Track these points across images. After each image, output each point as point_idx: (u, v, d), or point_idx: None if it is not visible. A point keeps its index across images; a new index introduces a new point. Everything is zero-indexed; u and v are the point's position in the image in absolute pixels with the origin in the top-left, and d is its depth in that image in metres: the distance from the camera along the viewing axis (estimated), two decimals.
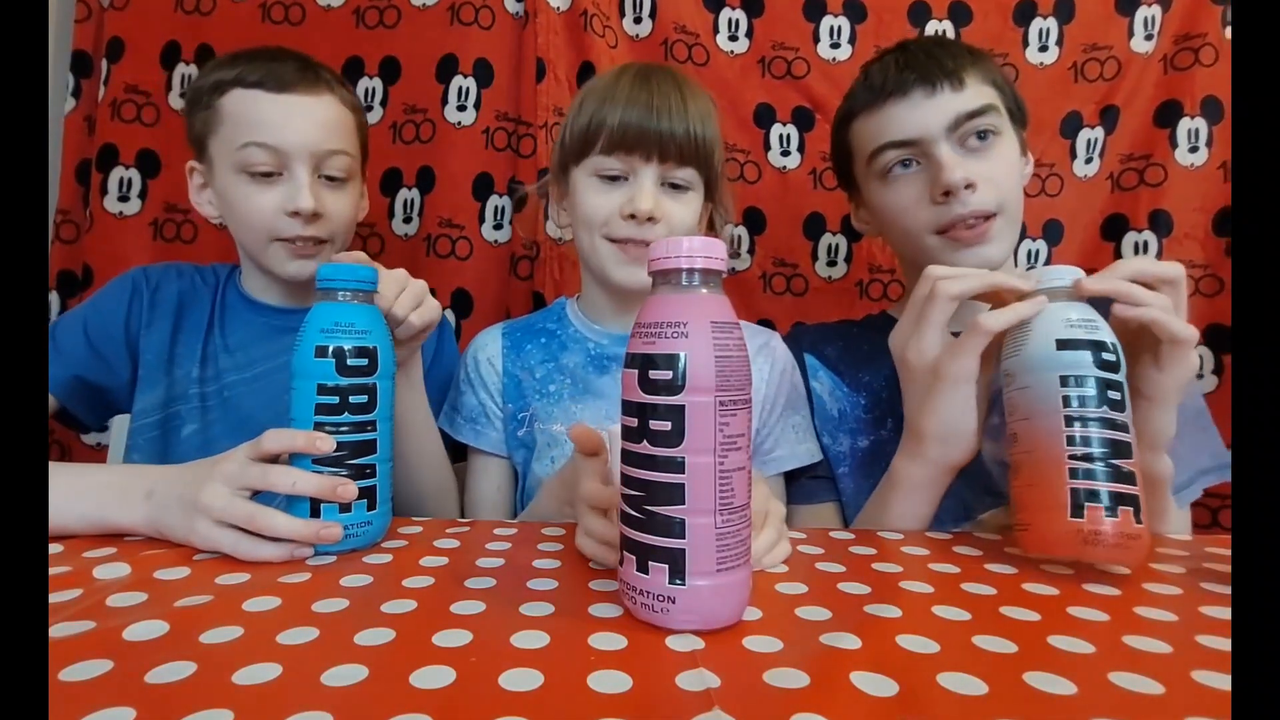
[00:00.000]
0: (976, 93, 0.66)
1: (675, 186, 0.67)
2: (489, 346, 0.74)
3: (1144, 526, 0.42)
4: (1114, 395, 0.44)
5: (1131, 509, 0.42)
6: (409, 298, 0.57)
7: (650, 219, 0.64)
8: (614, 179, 0.66)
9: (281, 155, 0.67)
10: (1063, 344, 0.45)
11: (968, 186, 0.64)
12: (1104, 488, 0.43)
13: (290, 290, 0.75)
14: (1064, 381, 0.44)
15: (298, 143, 0.67)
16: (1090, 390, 0.44)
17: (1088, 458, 0.43)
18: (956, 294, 0.51)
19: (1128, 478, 0.43)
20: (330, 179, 0.71)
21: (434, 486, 0.69)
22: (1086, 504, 0.43)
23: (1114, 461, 0.43)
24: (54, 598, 0.37)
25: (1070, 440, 0.44)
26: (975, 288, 0.51)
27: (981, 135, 0.66)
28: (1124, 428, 0.44)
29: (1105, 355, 0.44)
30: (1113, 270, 0.48)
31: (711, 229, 0.75)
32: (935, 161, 0.65)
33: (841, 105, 0.75)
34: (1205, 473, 0.68)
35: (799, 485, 0.72)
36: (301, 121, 0.68)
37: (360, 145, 0.75)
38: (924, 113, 0.65)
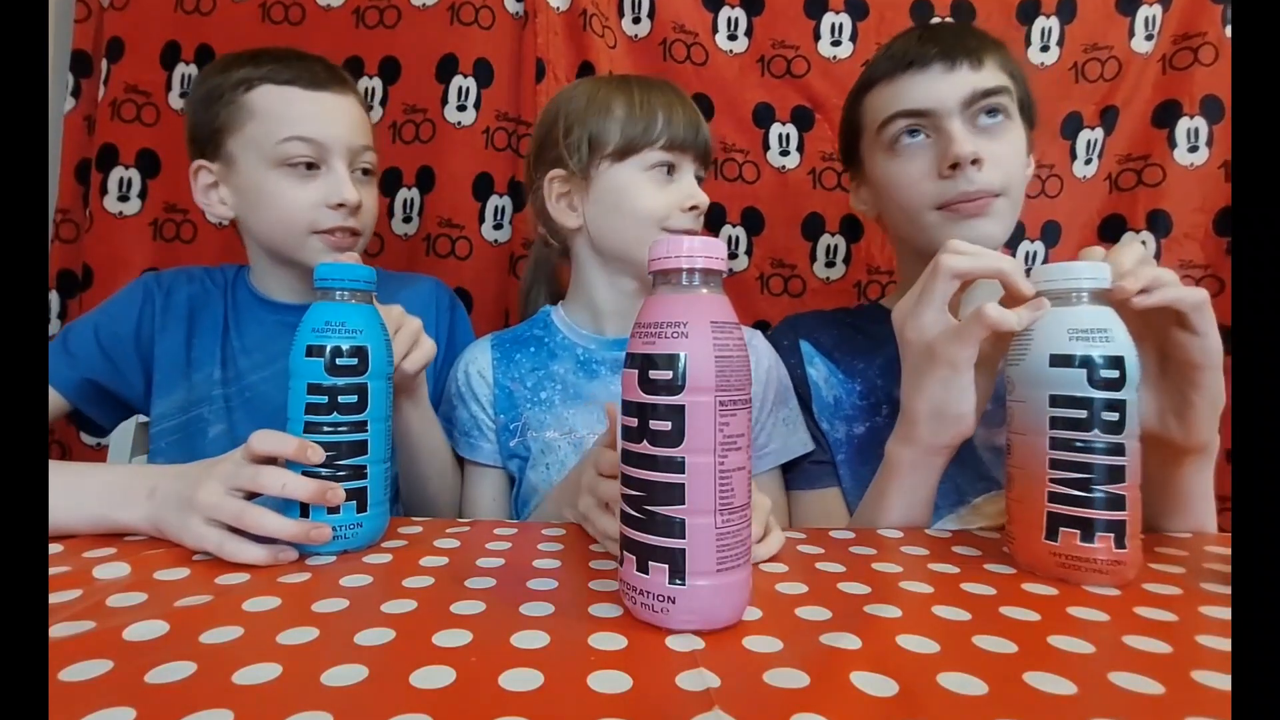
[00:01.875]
0: (993, 74, 0.66)
1: (698, 183, 0.73)
2: (479, 359, 0.74)
3: (1128, 550, 0.41)
4: (1111, 416, 0.41)
5: (1113, 535, 0.41)
6: (402, 341, 0.58)
7: (704, 212, 0.71)
8: (668, 171, 0.70)
9: (322, 149, 0.68)
10: (1057, 360, 0.43)
11: (974, 162, 0.64)
12: (1084, 515, 0.41)
13: (304, 287, 0.75)
14: (1054, 401, 0.42)
15: (337, 137, 0.69)
16: (1081, 413, 0.42)
17: (1070, 483, 0.42)
18: (960, 270, 0.49)
19: (1115, 503, 0.41)
20: (364, 172, 0.73)
21: (448, 497, 0.71)
22: (1062, 529, 0.42)
23: (1100, 487, 0.41)
24: (54, 598, 0.37)
25: (1055, 464, 0.42)
26: (980, 267, 0.49)
27: (992, 112, 0.66)
28: (1119, 450, 0.41)
29: (1106, 373, 0.41)
30: (1130, 263, 0.47)
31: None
32: (946, 134, 0.65)
33: (859, 78, 0.75)
34: None
35: (801, 471, 0.72)
36: (338, 118, 0.70)
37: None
38: (941, 86, 0.66)
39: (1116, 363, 0.42)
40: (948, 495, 0.65)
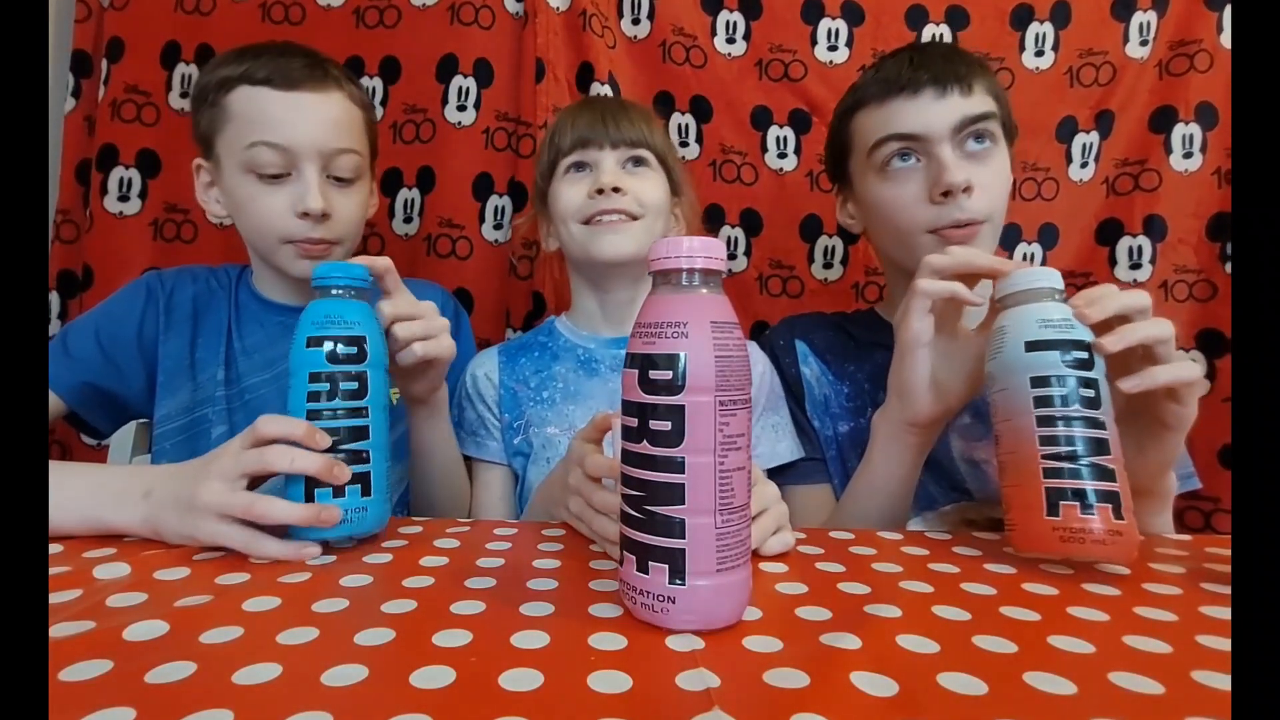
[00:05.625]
0: (981, 100, 0.68)
1: (637, 163, 0.74)
2: (486, 364, 0.78)
3: (1126, 522, 0.42)
4: (1088, 393, 0.44)
5: (1110, 505, 0.42)
6: (417, 326, 0.55)
7: (615, 189, 0.70)
8: (579, 168, 0.73)
9: (290, 155, 0.66)
10: (1032, 345, 0.46)
11: (966, 190, 0.65)
12: (1079, 486, 0.43)
13: (303, 289, 0.74)
14: (1035, 382, 0.45)
15: (306, 142, 0.66)
16: (1061, 390, 0.44)
17: (1061, 456, 0.44)
18: (931, 293, 0.54)
19: (1106, 474, 0.43)
20: (339, 180, 0.70)
21: (454, 504, 0.71)
22: (1062, 503, 0.43)
23: (1090, 459, 0.43)
24: (54, 598, 0.37)
25: (1044, 440, 0.44)
26: (943, 291, 0.53)
27: (980, 138, 0.67)
28: (1100, 424, 0.44)
29: (1077, 354, 0.45)
30: (1110, 310, 0.46)
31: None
32: (937, 161, 0.66)
33: (846, 97, 0.76)
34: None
35: (794, 467, 0.74)
36: (310, 120, 0.67)
37: (369, 143, 0.75)
38: (932, 112, 0.67)
39: (1084, 346, 0.45)
40: (919, 499, 0.67)
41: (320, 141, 0.67)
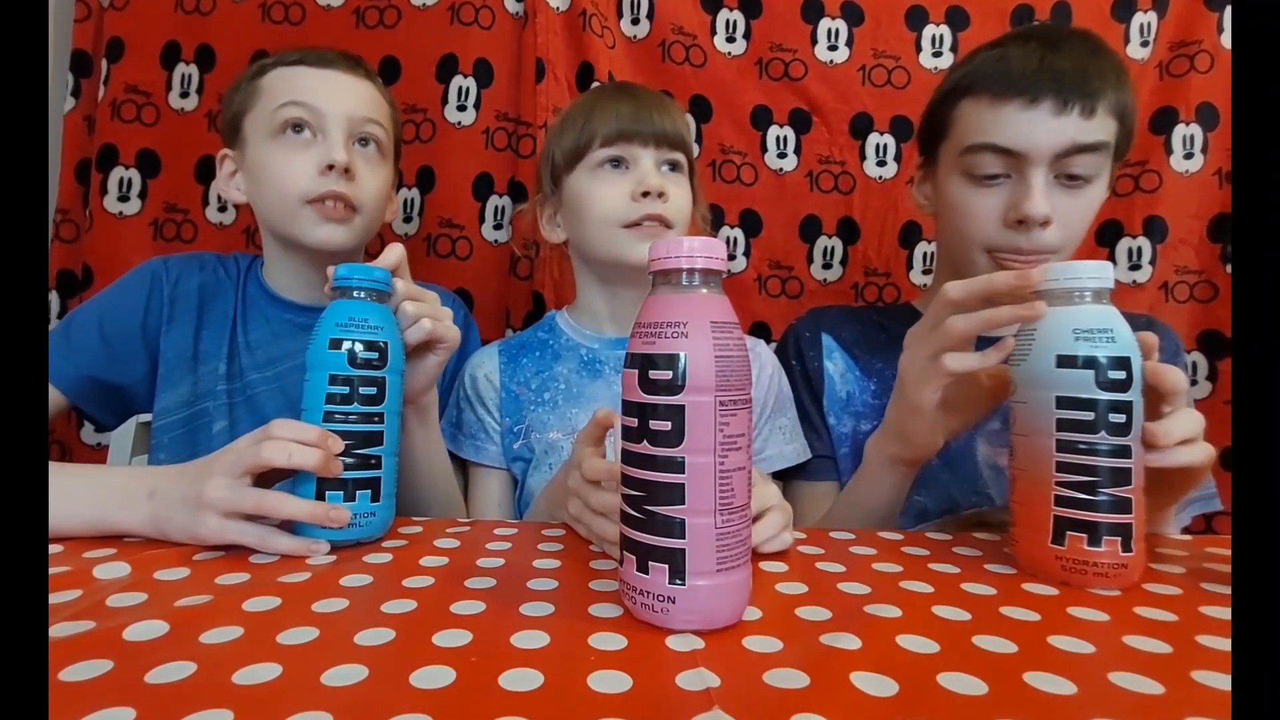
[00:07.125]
0: (1101, 126, 0.63)
1: (673, 168, 0.71)
2: (486, 364, 0.75)
3: (1134, 553, 0.41)
4: (1117, 418, 0.41)
5: (1120, 539, 0.40)
6: (425, 306, 0.56)
7: (660, 194, 0.68)
8: (616, 165, 0.70)
9: (319, 115, 0.68)
10: (1063, 360, 0.42)
11: (1044, 224, 0.62)
12: (1091, 518, 0.41)
13: (314, 277, 0.73)
14: (1060, 403, 0.42)
15: (335, 106, 0.68)
16: (1088, 414, 0.41)
17: (1077, 486, 0.41)
18: (955, 371, 0.49)
19: (1121, 505, 0.41)
20: (364, 142, 0.71)
21: (443, 513, 0.69)
22: (1069, 532, 0.41)
23: (1106, 490, 0.41)
24: (54, 598, 0.37)
25: (1061, 467, 0.42)
26: (977, 329, 0.48)
27: (1075, 177, 0.64)
28: (1124, 452, 0.41)
29: (1111, 373, 0.41)
30: (1177, 438, 0.43)
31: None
32: (1025, 184, 0.63)
33: (960, 69, 0.70)
34: (1192, 501, 0.69)
35: (801, 463, 0.73)
36: (340, 91, 0.70)
37: (393, 136, 0.75)
38: (1041, 130, 0.62)
39: (1122, 363, 0.41)
40: (940, 502, 0.66)
41: (348, 108, 0.69)
